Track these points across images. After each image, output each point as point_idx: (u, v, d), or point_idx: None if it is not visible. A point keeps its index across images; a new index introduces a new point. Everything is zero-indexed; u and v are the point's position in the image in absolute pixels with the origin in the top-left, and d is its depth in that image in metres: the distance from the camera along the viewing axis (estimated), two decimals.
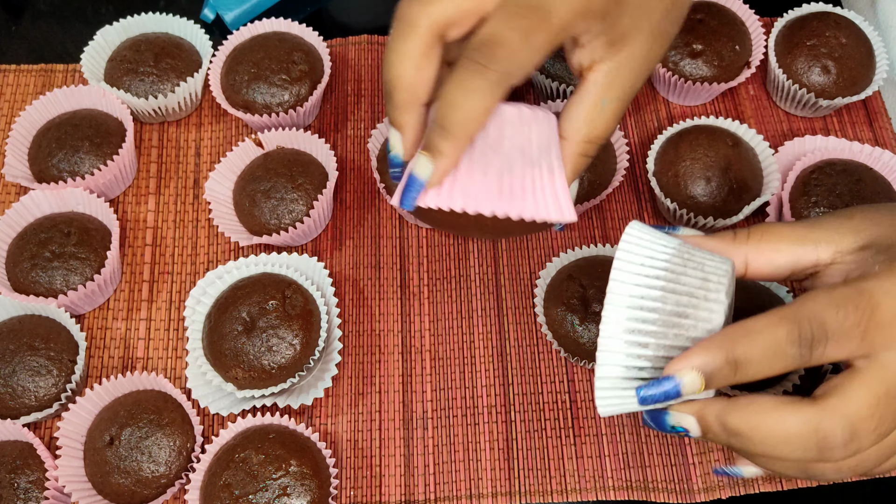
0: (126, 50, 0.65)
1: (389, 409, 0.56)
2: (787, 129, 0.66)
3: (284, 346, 0.52)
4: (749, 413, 0.32)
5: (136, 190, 0.64)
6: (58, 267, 0.56)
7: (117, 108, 0.63)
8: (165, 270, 0.61)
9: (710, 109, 0.67)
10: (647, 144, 0.65)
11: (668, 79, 0.64)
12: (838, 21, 0.64)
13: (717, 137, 0.59)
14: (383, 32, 0.68)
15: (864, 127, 0.66)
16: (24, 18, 0.73)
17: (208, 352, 0.53)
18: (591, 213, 0.63)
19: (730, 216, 0.59)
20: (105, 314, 0.59)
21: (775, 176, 0.59)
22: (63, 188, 0.59)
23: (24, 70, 0.68)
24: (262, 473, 0.49)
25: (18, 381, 0.53)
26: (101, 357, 0.58)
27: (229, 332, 0.52)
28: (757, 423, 0.32)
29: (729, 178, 0.58)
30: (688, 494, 0.53)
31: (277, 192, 0.58)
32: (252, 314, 0.52)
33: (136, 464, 0.51)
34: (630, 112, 0.67)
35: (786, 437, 0.32)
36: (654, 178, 0.60)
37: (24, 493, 0.50)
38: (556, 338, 0.55)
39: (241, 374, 0.52)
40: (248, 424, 0.52)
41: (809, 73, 0.63)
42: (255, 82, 0.62)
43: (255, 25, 0.66)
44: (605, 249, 0.58)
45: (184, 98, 0.64)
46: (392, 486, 0.54)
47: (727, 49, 0.63)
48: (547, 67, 0.63)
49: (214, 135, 0.66)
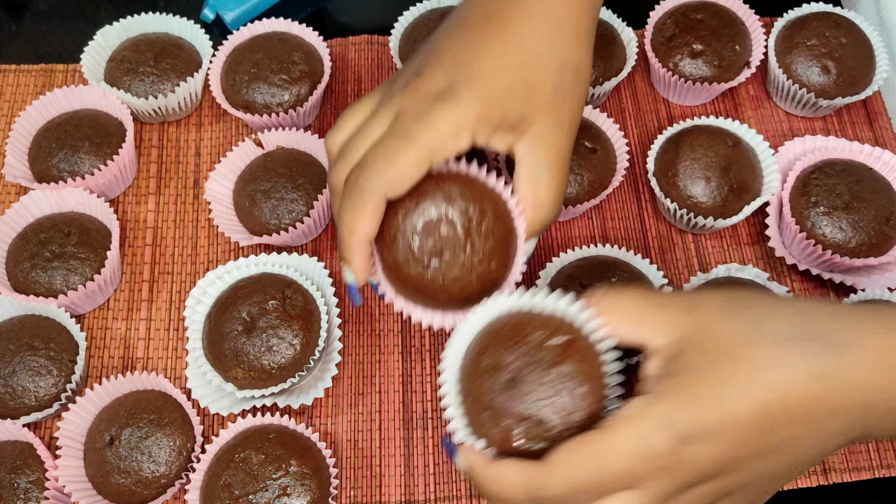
0: (126, 50, 0.65)
1: (389, 409, 0.56)
2: (787, 129, 0.66)
3: (284, 346, 0.52)
4: (486, 466, 0.37)
5: (136, 190, 0.64)
6: (58, 267, 0.56)
7: (117, 108, 0.63)
8: (165, 270, 0.61)
9: (710, 109, 0.67)
10: (647, 144, 0.65)
11: (668, 79, 0.64)
12: (838, 21, 0.64)
13: (717, 137, 0.59)
14: (383, 32, 0.68)
15: (864, 127, 0.66)
16: (24, 18, 0.73)
17: (208, 352, 0.53)
18: (591, 213, 0.63)
19: (730, 216, 0.59)
20: (105, 314, 0.59)
21: (775, 176, 0.59)
22: (63, 188, 0.59)
23: (24, 70, 0.68)
24: (262, 473, 0.49)
25: (18, 381, 0.53)
26: (101, 357, 0.58)
27: (229, 332, 0.52)
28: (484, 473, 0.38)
29: (729, 178, 0.58)
30: None
31: (277, 192, 0.58)
32: (252, 314, 0.52)
33: (136, 464, 0.51)
34: (630, 112, 0.67)
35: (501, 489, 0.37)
36: (654, 178, 0.60)
37: (24, 493, 0.50)
38: None
39: (241, 374, 0.52)
40: (248, 424, 0.52)
41: (809, 73, 0.63)
42: (255, 82, 0.62)
43: (255, 25, 0.66)
44: (605, 249, 0.58)
45: (184, 98, 0.64)
46: (392, 486, 0.54)
47: (727, 49, 0.63)
48: None
49: (214, 135, 0.66)
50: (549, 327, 0.39)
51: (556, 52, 0.41)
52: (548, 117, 0.41)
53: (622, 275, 0.55)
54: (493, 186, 0.43)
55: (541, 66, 0.41)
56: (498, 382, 0.38)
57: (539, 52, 0.41)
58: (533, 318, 0.40)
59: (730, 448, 0.34)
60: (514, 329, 0.39)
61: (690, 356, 0.35)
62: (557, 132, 0.42)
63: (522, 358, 0.38)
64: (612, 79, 0.63)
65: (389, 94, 0.42)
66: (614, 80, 0.63)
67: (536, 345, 0.38)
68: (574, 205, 0.59)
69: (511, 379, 0.38)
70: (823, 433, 0.35)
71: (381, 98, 0.43)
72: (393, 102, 0.40)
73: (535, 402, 0.37)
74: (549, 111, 0.41)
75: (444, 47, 0.41)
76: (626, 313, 0.38)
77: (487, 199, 0.42)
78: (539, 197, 0.42)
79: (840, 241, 0.57)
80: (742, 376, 0.34)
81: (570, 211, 0.60)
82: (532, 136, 0.41)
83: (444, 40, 0.42)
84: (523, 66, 0.40)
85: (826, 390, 0.34)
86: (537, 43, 0.41)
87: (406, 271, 0.42)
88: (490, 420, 0.38)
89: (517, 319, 0.40)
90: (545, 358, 0.38)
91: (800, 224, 0.58)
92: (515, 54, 0.40)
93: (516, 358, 0.38)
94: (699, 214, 0.59)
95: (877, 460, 0.54)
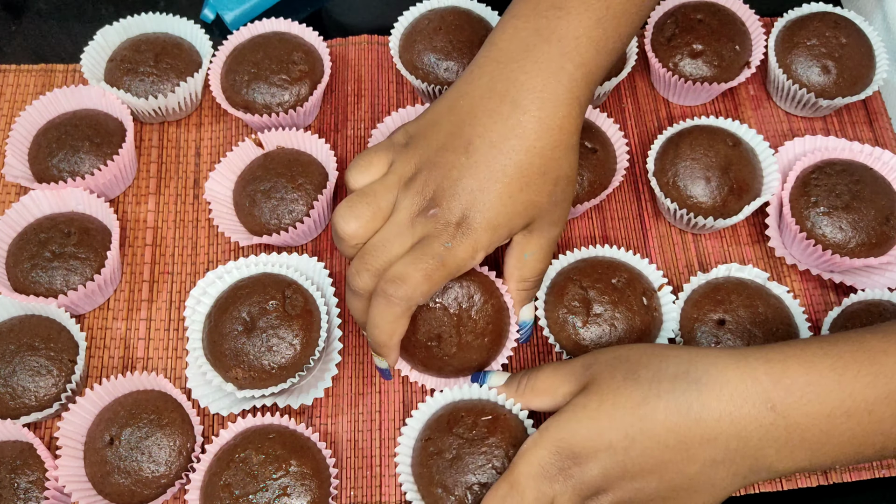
0: (126, 50, 0.65)
1: (389, 409, 0.56)
2: (787, 129, 0.66)
3: (284, 346, 0.52)
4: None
5: (136, 190, 0.64)
6: (58, 267, 0.56)
7: (117, 108, 0.63)
8: (165, 270, 0.61)
9: (710, 109, 0.67)
10: (647, 144, 0.65)
11: (668, 79, 0.64)
12: (838, 21, 0.64)
13: (717, 137, 0.59)
14: (383, 32, 0.68)
15: (864, 127, 0.66)
16: (24, 18, 0.73)
17: (208, 352, 0.53)
18: (591, 213, 0.63)
19: (730, 216, 0.59)
20: (105, 314, 0.59)
21: (775, 176, 0.59)
22: (63, 188, 0.59)
23: (24, 70, 0.68)
24: (262, 473, 0.49)
25: (18, 381, 0.53)
26: (101, 357, 0.58)
27: (229, 332, 0.52)
28: None
29: (729, 178, 0.58)
30: None
31: (277, 192, 0.58)
32: (252, 314, 0.52)
33: (136, 464, 0.51)
34: (630, 112, 0.67)
35: None
36: (654, 178, 0.60)
37: (24, 493, 0.50)
38: (558, 340, 0.55)
39: (241, 375, 0.52)
40: (248, 424, 0.52)
41: (809, 73, 0.63)
42: (255, 82, 0.62)
43: (255, 25, 0.66)
44: (605, 250, 0.58)
45: (184, 98, 0.64)
46: (392, 486, 0.54)
47: (727, 49, 0.63)
48: None
49: (214, 135, 0.66)
50: (475, 412, 0.49)
51: (551, 172, 0.47)
52: (543, 219, 0.48)
53: (622, 275, 0.55)
54: (480, 271, 0.52)
55: (538, 186, 0.46)
56: (444, 462, 0.48)
57: (536, 175, 0.46)
58: (463, 405, 0.50)
59: (610, 466, 0.42)
60: (449, 418, 0.50)
61: (576, 400, 0.44)
62: (550, 228, 0.49)
63: (458, 440, 0.48)
64: (612, 79, 0.63)
65: (406, 181, 0.47)
66: (614, 80, 0.63)
67: (469, 426, 0.49)
68: (574, 205, 0.59)
69: (453, 458, 0.48)
70: (699, 460, 0.42)
71: (396, 169, 0.48)
72: (415, 226, 0.46)
73: (475, 471, 0.47)
74: (543, 215, 0.48)
75: (455, 178, 0.46)
76: (541, 391, 0.48)
77: (476, 283, 0.51)
78: (523, 274, 0.51)
79: (840, 241, 0.57)
80: (615, 410, 0.43)
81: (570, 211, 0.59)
82: (528, 230, 0.49)
83: (454, 158, 0.46)
84: (524, 189, 0.46)
85: (688, 420, 0.41)
86: (535, 167, 0.46)
87: (413, 353, 0.52)
88: (444, 494, 0.48)
89: (450, 409, 0.50)
90: (476, 436, 0.48)
91: (800, 224, 0.58)
92: (517, 181, 0.46)
93: (454, 440, 0.48)
94: (699, 214, 0.59)
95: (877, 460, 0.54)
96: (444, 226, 0.45)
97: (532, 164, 0.46)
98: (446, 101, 0.48)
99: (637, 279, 0.55)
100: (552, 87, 0.46)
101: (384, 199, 0.47)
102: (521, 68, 0.46)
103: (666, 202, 0.59)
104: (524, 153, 0.46)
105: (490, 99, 0.46)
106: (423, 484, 0.49)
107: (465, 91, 0.48)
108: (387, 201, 0.47)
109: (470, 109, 0.47)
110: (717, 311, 0.54)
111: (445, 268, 0.45)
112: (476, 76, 0.48)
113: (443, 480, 0.48)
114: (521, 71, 0.46)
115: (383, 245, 0.46)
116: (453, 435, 0.49)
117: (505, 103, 0.46)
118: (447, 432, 0.49)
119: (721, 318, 0.54)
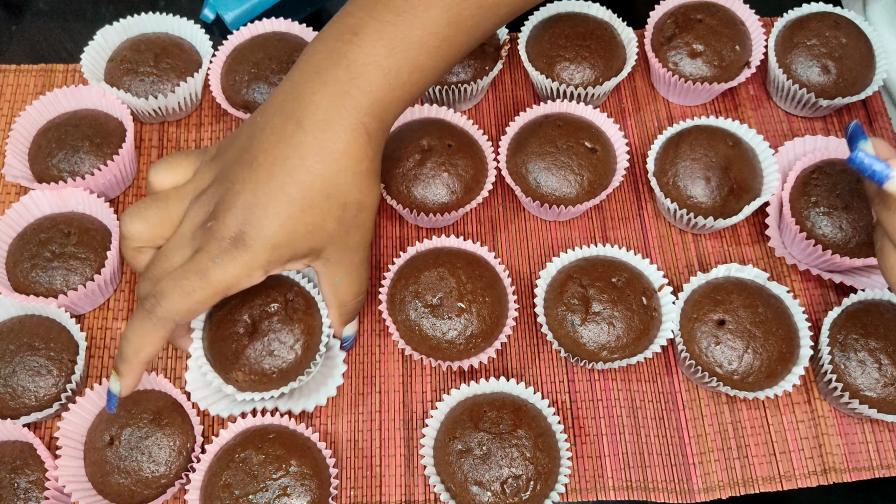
0: (126, 50, 0.65)
1: (389, 409, 0.56)
2: (787, 129, 0.66)
3: (286, 350, 0.52)
4: None
5: (136, 190, 0.64)
6: (58, 267, 0.56)
7: (117, 108, 0.63)
8: None
9: (710, 109, 0.67)
10: (647, 144, 0.65)
11: (668, 79, 0.64)
12: (838, 21, 0.64)
13: (717, 137, 0.59)
14: None
15: (865, 127, 0.66)
16: (24, 18, 0.73)
17: (209, 353, 0.53)
18: (591, 213, 0.63)
19: (730, 216, 0.59)
20: (105, 314, 0.59)
21: (775, 176, 0.59)
22: (63, 188, 0.59)
23: (24, 70, 0.68)
24: (262, 473, 0.49)
25: (18, 381, 0.53)
26: (101, 357, 0.58)
27: (231, 335, 0.52)
28: None
29: (729, 178, 0.58)
30: (688, 494, 0.53)
31: None
32: (254, 316, 0.52)
33: (136, 464, 0.51)
34: (630, 112, 0.67)
35: None
36: (654, 178, 0.60)
37: (24, 493, 0.50)
38: (557, 338, 0.55)
39: (241, 377, 0.52)
40: (248, 424, 0.52)
41: (809, 73, 0.63)
42: (255, 82, 0.62)
43: (255, 25, 0.66)
44: (605, 249, 0.58)
45: (184, 98, 0.64)
46: (392, 486, 0.54)
47: (727, 49, 0.63)
48: (547, 69, 0.63)
49: (214, 135, 0.66)
50: (496, 405, 0.51)
51: (336, 197, 0.46)
52: (335, 245, 0.47)
53: (622, 274, 0.55)
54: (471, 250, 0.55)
55: (323, 210, 0.45)
56: (475, 460, 0.49)
57: (320, 199, 0.45)
58: (483, 400, 0.51)
59: None
60: (471, 414, 0.50)
61: None
62: (347, 253, 0.48)
63: (487, 435, 0.49)
64: (612, 79, 0.63)
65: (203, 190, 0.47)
66: (614, 80, 0.63)
67: (494, 420, 0.50)
68: (574, 205, 0.59)
69: (484, 454, 0.49)
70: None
71: (195, 179, 0.48)
72: (195, 239, 0.45)
73: (509, 465, 0.49)
74: (335, 240, 0.47)
75: (236, 192, 0.45)
76: None
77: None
78: (340, 298, 0.51)
79: (840, 241, 0.57)
80: None
81: (570, 211, 0.60)
82: (324, 259, 0.48)
83: (239, 172, 0.46)
84: (306, 211, 0.45)
85: None
86: (317, 189, 0.45)
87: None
88: (480, 491, 0.49)
89: (470, 406, 0.51)
90: (504, 429, 0.49)
91: (800, 224, 0.58)
92: (298, 202, 0.45)
93: (483, 436, 0.49)
94: (699, 214, 0.59)
95: (877, 460, 0.54)
96: (217, 240, 0.44)
97: (314, 187, 0.45)
98: (251, 117, 0.48)
99: (637, 279, 0.55)
100: (335, 112, 0.45)
101: (176, 208, 0.47)
102: (310, 90, 0.46)
103: (666, 202, 0.59)
104: (305, 173, 0.45)
105: (279, 117, 0.46)
106: (457, 483, 0.50)
107: (264, 108, 0.47)
108: (178, 210, 0.47)
109: (262, 126, 0.46)
110: (717, 311, 0.54)
111: (210, 286, 0.44)
112: (275, 94, 0.47)
113: (477, 477, 0.49)
114: (310, 92, 0.46)
115: (165, 255, 0.46)
116: (481, 431, 0.50)
117: (290, 123, 0.45)
118: (473, 429, 0.50)
119: (721, 318, 0.54)
